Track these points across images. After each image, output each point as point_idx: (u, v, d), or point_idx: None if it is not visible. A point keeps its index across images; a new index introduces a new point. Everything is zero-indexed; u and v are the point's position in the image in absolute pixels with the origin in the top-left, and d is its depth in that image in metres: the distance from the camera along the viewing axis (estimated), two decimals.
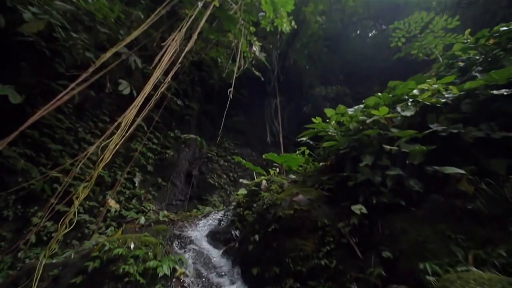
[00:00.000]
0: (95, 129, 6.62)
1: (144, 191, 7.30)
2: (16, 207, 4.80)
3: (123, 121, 2.40)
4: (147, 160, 7.62)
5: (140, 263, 2.15)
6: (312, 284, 2.06)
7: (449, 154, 2.46)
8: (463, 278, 1.32)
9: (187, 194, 7.53)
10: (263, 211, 2.75)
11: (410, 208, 2.25)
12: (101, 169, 5.05)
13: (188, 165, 8.03)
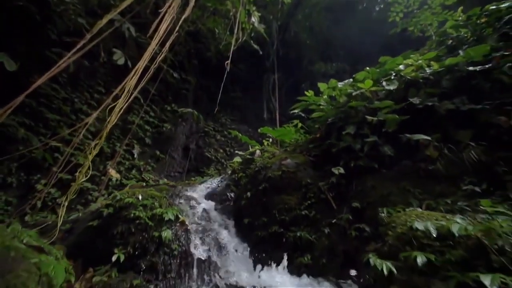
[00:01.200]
0: (91, 99, 6.75)
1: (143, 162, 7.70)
2: (19, 174, 5.12)
3: (126, 86, 2.62)
4: (145, 133, 7.89)
5: (148, 210, 2.57)
6: (294, 229, 2.52)
7: (423, 124, 2.79)
8: (408, 214, 1.74)
9: (185, 167, 7.97)
10: (255, 173, 3.15)
11: (382, 170, 2.65)
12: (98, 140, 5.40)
13: (186, 139, 8.34)
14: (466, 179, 2.16)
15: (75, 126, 5.68)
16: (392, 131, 2.66)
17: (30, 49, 5.29)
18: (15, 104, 2.60)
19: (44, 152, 5.46)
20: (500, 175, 2.09)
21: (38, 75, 4.84)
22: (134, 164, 7.45)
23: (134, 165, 7.45)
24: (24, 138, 5.20)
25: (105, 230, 2.47)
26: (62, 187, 5.20)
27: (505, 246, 1.23)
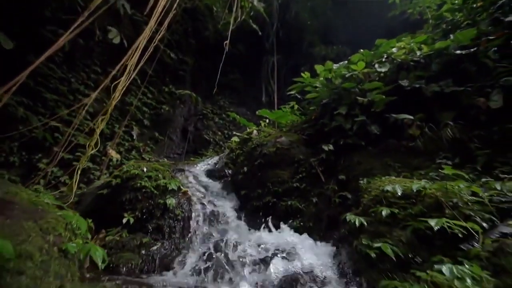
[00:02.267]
0: (87, 80, 6.79)
1: (143, 144, 7.91)
2: (21, 154, 5.31)
3: (128, 64, 2.75)
4: (143, 115, 8.02)
5: (153, 181, 2.83)
6: (286, 199, 2.82)
7: (410, 106, 2.99)
8: (382, 181, 2.01)
9: (184, 149, 8.21)
10: (251, 149, 3.39)
11: (368, 148, 2.90)
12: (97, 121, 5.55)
13: (184, 121, 8.49)
14: (442, 154, 2.42)
15: (73, 106, 5.81)
16: (380, 111, 2.88)
17: (25, 28, 5.25)
18: (18, 83, 2.73)
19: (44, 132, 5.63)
20: (472, 151, 2.35)
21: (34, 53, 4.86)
22: (133, 145, 7.67)
23: (134, 146, 7.67)
24: (24, 118, 5.33)
25: (114, 197, 2.75)
26: (64, 166, 5.44)
27: (459, 203, 1.51)
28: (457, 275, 0.95)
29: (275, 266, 1.66)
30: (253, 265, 1.74)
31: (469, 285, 0.91)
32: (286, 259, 1.78)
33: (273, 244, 2.06)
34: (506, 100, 2.48)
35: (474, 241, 1.21)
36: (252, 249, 1.99)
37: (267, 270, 1.62)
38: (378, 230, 1.58)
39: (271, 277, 1.49)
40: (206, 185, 3.43)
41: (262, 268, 1.68)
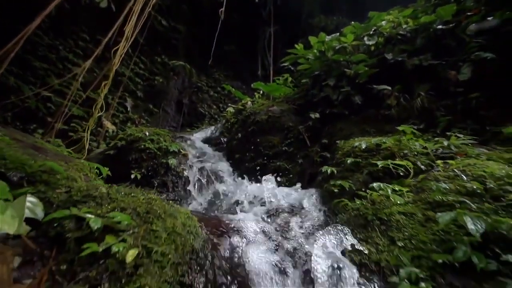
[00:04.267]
0: (75, 47, 6.73)
1: (137, 115, 8.11)
2: (16, 124, 5.49)
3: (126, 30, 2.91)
4: (136, 86, 8.08)
5: (155, 143, 3.20)
6: (275, 161, 3.27)
7: (393, 78, 3.32)
8: (354, 140, 2.43)
9: (179, 122, 8.47)
10: (245, 118, 3.75)
11: (351, 116, 3.29)
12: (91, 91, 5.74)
13: (178, 94, 8.61)
14: (411, 120, 2.83)
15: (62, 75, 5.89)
16: (363, 82, 3.21)
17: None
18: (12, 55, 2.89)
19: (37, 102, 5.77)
20: (437, 118, 2.77)
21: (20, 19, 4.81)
22: (128, 117, 7.87)
23: (129, 118, 7.88)
24: (15, 87, 5.43)
25: (121, 157, 3.13)
26: (60, 137, 5.71)
27: (408, 153, 1.95)
28: (382, 187, 1.41)
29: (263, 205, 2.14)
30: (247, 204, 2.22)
31: (389, 193, 1.38)
32: (272, 201, 2.26)
33: (262, 192, 2.54)
34: (474, 73, 2.84)
35: (408, 174, 1.67)
36: (245, 196, 2.46)
37: (257, 206, 2.10)
38: (344, 175, 2.04)
39: (261, 209, 1.96)
40: (203, 150, 3.84)
41: (254, 206, 2.16)
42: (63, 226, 1.02)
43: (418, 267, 0.98)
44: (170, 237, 1.01)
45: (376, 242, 1.16)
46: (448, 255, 0.98)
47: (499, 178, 1.34)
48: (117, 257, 0.90)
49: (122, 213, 1.02)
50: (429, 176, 1.56)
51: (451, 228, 1.09)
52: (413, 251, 1.06)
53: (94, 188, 1.18)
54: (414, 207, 1.27)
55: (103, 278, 0.86)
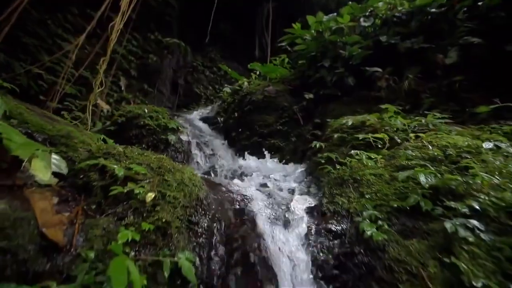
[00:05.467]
0: (65, 22, 6.56)
1: (132, 95, 8.11)
2: None
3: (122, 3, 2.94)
4: (129, 64, 7.99)
5: (154, 120, 3.37)
6: (270, 139, 3.50)
7: (386, 60, 3.48)
8: (343, 118, 2.66)
9: (174, 102, 8.52)
10: (242, 97, 3.92)
11: (343, 97, 3.49)
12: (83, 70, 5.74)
13: (173, 74, 8.56)
14: (398, 102, 3.06)
15: (52, 51, 5.81)
16: (357, 64, 3.37)
17: None
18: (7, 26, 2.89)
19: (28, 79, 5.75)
20: (422, 99, 3.00)
21: None
22: (122, 97, 7.87)
23: (123, 97, 7.88)
24: (4, 64, 5.37)
25: (121, 133, 3.30)
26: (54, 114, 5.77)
27: (388, 129, 2.20)
28: (359, 154, 1.67)
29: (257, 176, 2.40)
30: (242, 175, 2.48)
31: (363, 159, 1.64)
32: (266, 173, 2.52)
33: (257, 167, 2.80)
34: (461, 57, 3.04)
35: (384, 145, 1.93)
36: (241, 169, 2.72)
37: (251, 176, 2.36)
38: (331, 149, 2.29)
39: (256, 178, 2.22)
40: (200, 128, 4.03)
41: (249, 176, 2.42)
42: (89, 177, 1.25)
43: (378, 211, 1.25)
44: (180, 187, 1.26)
45: (348, 195, 1.43)
46: (403, 201, 1.26)
47: (459, 147, 1.61)
48: (138, 198, 1.15)
49: (139, 166, 1.25)
50: (401, 146, 1.82)
51: (409, 184, 1.36)
52: (377, 201, 1.33)
53: (112, 147, 1.40)
54: (383, 170, 1.54)
55: (128, 213, 1.11)
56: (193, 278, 1.02)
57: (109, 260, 0.93)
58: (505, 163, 1.54)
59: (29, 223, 0.88)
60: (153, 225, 1.08)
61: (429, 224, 1.17)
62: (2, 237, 0.81)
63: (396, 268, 0.99)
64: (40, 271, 0.85)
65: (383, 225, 1.17)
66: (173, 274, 1.02)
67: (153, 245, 1.06)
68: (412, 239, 1.10)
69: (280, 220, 1.31)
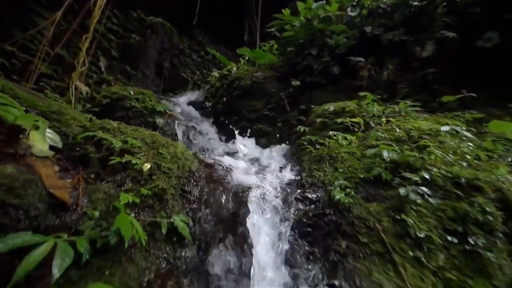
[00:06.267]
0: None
1: (113, 77, 7.81)
2: None
3: None
4: (110, 43, 7.64)
5: (141, 102, 3.39)
6: (257, 124, 3.66)
7: (370, 50, 3.69)
8: (326, 105, 2.86)
9: (160, 86, 8.32)
10: (230, 82, 4.00)
11: (328, 86, 3.70)
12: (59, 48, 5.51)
13: (158, 56, 8.30)
14: (377, 91, 3.31)
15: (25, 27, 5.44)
16: (342, 53, 3.56)
17: None
18: None
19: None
20: (398, 89, 3.28)
21: None
22: (102, 78, 7.57)
23: (103, 79, 7.58)
24: None
25: (105, 115, 3.29)
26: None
27: (366, 114, 2.43)
28: (335, 135, 1.89)
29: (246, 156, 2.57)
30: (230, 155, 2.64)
31: (339, 139, 1.86)
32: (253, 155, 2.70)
33: (245, 148, 2.97)
34: (436, 51, 3.31)
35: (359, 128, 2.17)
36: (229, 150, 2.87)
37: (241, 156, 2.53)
38: (313, 133, 2.50)
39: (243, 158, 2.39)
40: (188, 112, 4.09)
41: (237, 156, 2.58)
42: (86, 149, 1.35)
43: (348, 182, 1.48)
44: (173, 159, 1.40)
45: (324, 170, 1.65)
46: (368, 173, 1.49)
47: (421, 130, 1.87)
48: (135, 168, 1.28)
49: (134, 140, 1.37)
50: (373, 129, 2.06)
51: (376, 159, 1.60)
52: (348, 174, 1.56)
53: (106, 123, 1.49)
54: (356, 149, 1.77)
55: (127, 181, 1.24)
56: (188, 235, 1.20)
57: (112, 219, 1.08)
58: (459, 144, 1.82)
59: (37, 185, 0.99)
60: (151, 191, 1.22)
61: (388, 191, 1.42)
62: (14, 196, 0.93)
63: (357, 223, 1.23)
64: (51, 226, 0.98)
65: (350, 192, 1.40)
66: (170, 232, 1.18)
67: (151, 208, 1.21)
68: (372, 202, 1.34)
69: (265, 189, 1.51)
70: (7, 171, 0.94)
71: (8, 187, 0.91)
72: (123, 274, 0.98)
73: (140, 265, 1.04)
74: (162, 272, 1.05)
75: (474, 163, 1.67)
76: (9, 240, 0.82)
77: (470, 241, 1.22)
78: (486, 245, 1.23)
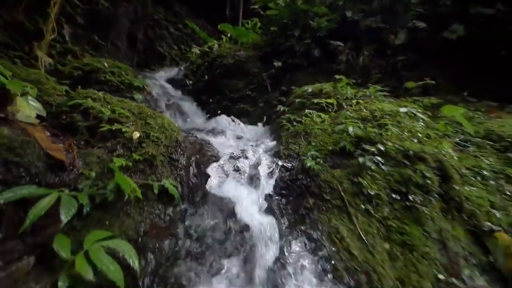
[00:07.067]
0: None
1: (79, 47, 7.21)
2: None
3: None
4: (75, 9, 6.96)
5: (117, 76, 3.31)
6: (239, 104, 3.80)
7: (349, 35, 3.92)
8: (305, 86, 3.08)
9: (133, 60, 7.87)
10: (212, 60, 4.02)
11: (309, 68, 3.91)
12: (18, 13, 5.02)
13: (130, 25, 7.74)
14: (353, 75, 3.61)
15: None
16: (323, 36, 3.74)
17: None
18: None
19: None
20: (371, 75, 3.60)
21: None
22: (67, 49, 6.96)
23: (68, 49, 6.97)
24: None
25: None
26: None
27: (340, 96, 2.70)
28: (311, 113, 2.15)
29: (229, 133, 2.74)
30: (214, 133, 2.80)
31: (314, 117, 2.12)
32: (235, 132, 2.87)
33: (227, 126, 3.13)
34: (408, 39, 3.64)
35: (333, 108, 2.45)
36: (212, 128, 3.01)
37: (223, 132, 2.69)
38: (292, 112, 2.73)
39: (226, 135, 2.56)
40: (168, 90, 4.07)
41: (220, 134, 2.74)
42: (72, 118, 1.43)
43: (318, 153, 1.75)
44: (161, 129, 1.53)
45: (300, 144, 1.90)
46: (335, 146, 1.77)
47: (384, 111, 2.18)
48: (125, 136, 1.40)
49: (122, 110, 1.47)
50: (344, 109, 2.34)
51: (343, 135, 1.88)
52: (319, 146, 1.83)
53: (91, 92, 1.55)
54: (328, 126, 2.03)
55: (117, 147, 1.37)
56: (177, 196, 1.38)
57: (107, 180, 1.22)
58: (414, 124, 2.18)
59: (34, 146, 1.09)
60: (141, 157, 1.37)
61: (350, 160, 1.72)
62: (14, 155, 1.02)
63: (323, 185, 1.51)
64: (51, 183, 1.10)
65: (320, 161, 1.67)
66: (161, 194, 1.36)
67: (142, 172, 1.36)
68: (337, 169, 1.63)
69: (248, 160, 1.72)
70: (4, 132, 1.02)
71: (7, 147, 1.00)
72: (121, 225, 1.15)
73: (136, 219, 1.21)
74: (156, 225, 1.24)
75: (423, 140, 2.03)
76: (17, 191, 0.94)
77: (410, 198, 1.58)
78: (422, 202, 1.59)
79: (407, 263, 1.23)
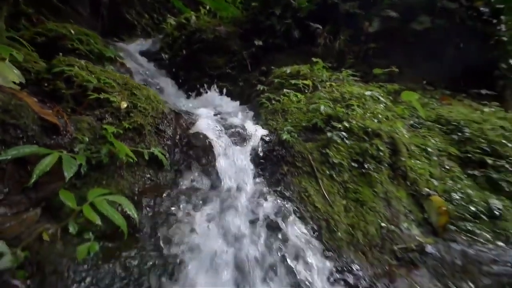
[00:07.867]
0: None
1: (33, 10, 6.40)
2: None
3: None
4: None
5: (85, 45, 3.15)
6: (219, 82, 3.89)
7: (329, 18, 4.13)
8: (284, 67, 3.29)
9: (97, 27, 7.19)
10: (190, 33, 3.98)
11: (289, 49, 4.09)
12: None
13: None
14: (329, 58, 3.90)
15: None
16: (303, 17, 3.92)
17: None
18: None
19: None
20: (346, 59, 3.93)
21: None
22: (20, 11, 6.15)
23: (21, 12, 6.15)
24: None
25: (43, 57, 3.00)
26: None
27: (315, 78, 2.97)
28: (288, 93, 2.41)
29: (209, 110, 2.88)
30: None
31: (291, 96, 2.38)
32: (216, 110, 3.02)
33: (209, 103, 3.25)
34: (381, 27, 3.98)
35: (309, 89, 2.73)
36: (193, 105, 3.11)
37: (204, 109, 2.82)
38: (271, 91, 2.95)
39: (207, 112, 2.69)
40: (142, 64, 3.97)
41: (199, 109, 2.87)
42: (55, 85, 1.48)
43: (293, 128, 2.02)
44: (147, 101, 1.65)
45: (277, 120, 2.15)
46: (308, 123, 2.06)
47: (352, 93, 2.51)
48: (113, 105, 1.50)
49: (108, 79, 1.55)
50: (319, 90, 2.63)
51: (316, 113, 2.17)
52: (294, 123, 2.10)
53: (73, 60, 1.58)
54: (303, 105, 2.31)
55: (106, 116, 1.47)
56: (166, 163, 1.56)
57: (99, 145, 1.35)
58: (376, 107, 2.55)
59: (28, 109, 1.17)
60: (131, 125, 1.49)
61: (320, 135, 2.03)
62: (10, 117, 1.10)
63: (296, 155, 1.80)
64: (48, 145, 1.20)
65: (294, 135, 1.95)
66: (150, 161, 1.52)
67: (132, 140, 1.50)
68: (309, 142, 1.93)
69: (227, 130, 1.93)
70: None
71: (3, 109, 1.07)
72: (117, 184, 1.31)
73: (129, 181, 1.38)
74: (149, 186, 1.42)
75: (382, 120, 2.42)
76: (21, 149, 1.05)
77: (365, 166, 1.95)
78: (375, 169, 1.98)
79: (358, 214, 1.61)
